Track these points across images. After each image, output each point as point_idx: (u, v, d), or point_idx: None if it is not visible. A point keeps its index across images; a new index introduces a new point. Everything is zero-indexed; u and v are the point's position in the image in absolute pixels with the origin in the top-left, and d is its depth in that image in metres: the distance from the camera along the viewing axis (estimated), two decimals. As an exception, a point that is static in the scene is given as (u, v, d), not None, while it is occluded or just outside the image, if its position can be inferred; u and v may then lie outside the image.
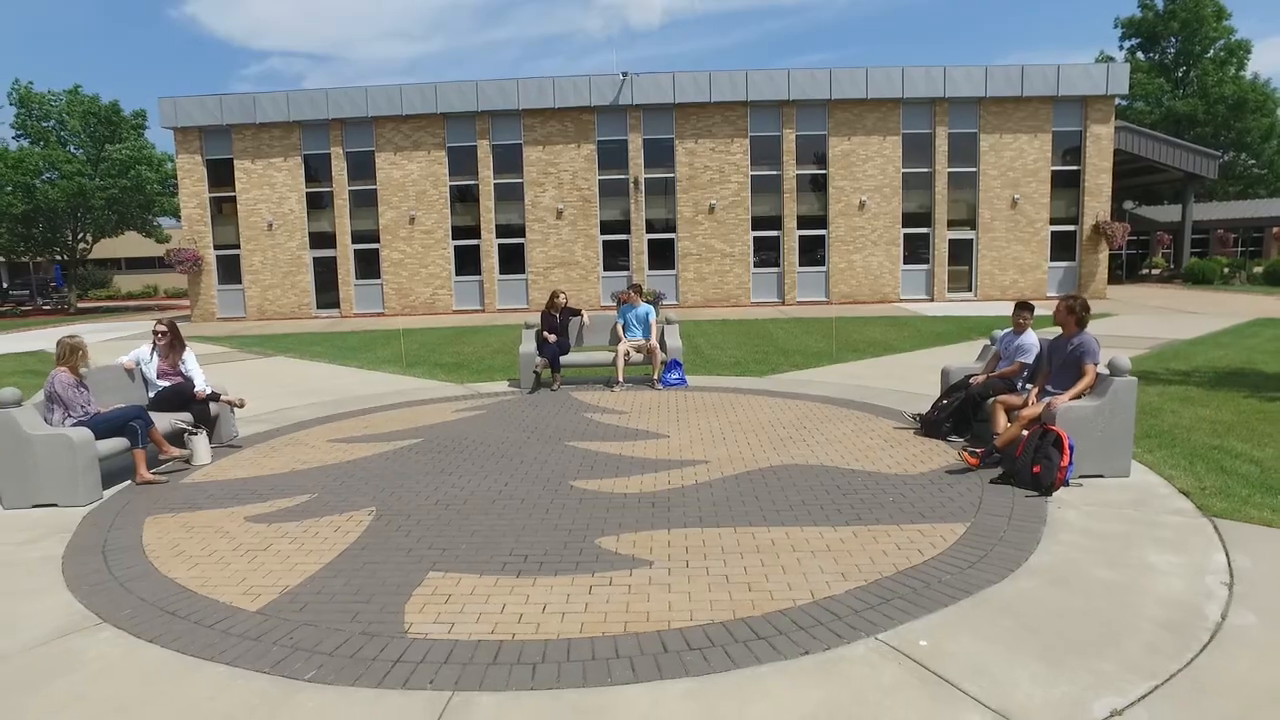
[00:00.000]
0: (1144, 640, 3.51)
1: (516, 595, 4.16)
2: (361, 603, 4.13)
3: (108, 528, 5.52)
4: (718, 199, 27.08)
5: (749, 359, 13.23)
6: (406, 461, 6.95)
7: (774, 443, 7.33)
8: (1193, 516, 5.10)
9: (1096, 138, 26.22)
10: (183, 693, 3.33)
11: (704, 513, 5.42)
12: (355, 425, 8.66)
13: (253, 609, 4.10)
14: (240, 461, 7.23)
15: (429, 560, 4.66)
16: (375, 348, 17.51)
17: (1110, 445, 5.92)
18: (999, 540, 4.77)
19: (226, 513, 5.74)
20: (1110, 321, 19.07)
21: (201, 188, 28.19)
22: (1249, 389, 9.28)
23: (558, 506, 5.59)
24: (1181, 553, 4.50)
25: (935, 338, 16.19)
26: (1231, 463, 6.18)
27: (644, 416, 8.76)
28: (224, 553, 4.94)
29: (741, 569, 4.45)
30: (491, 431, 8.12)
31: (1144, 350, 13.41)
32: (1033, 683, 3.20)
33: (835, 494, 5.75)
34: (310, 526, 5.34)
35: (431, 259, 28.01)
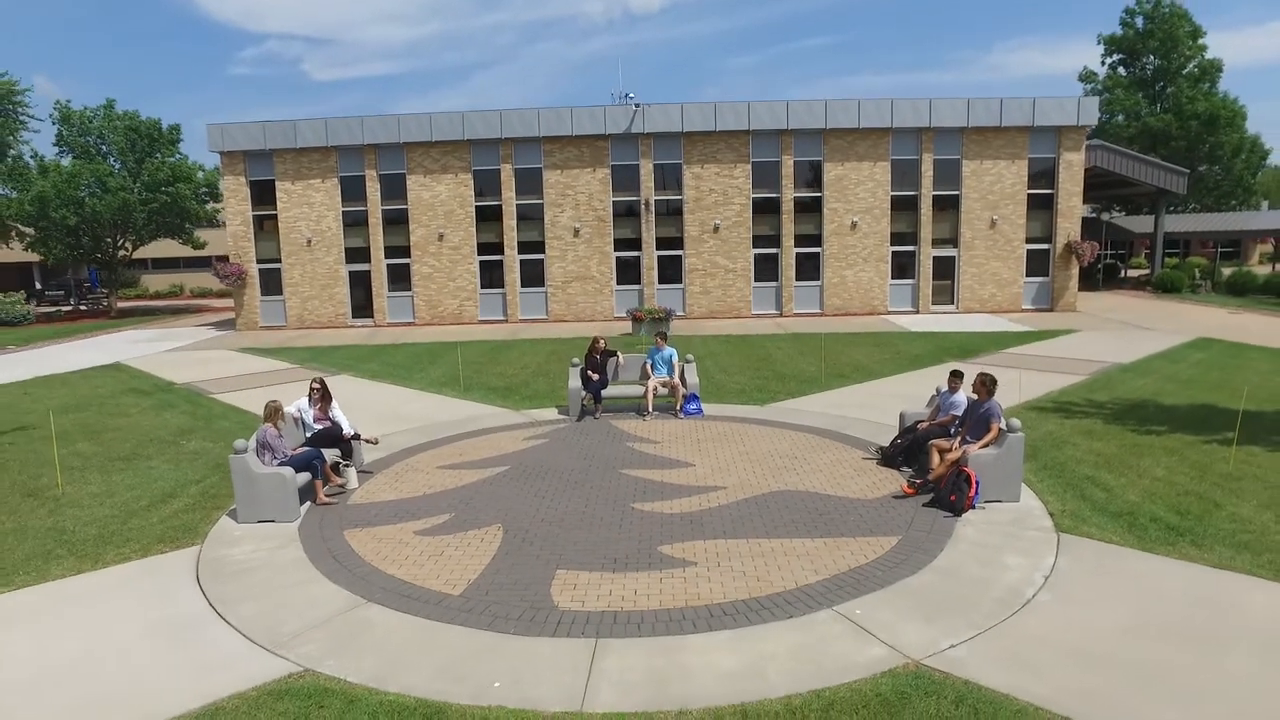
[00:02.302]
0: (982, 610, 6.17)
1: (616, 584, 6.81)
2: (521, 589, 6.78)
3: (321, 539, 8.15)
4: (722, 219, 29.61)
5: (752, 386, 15.84)
6: (507, 486, 9.59)
7: (773, 471, 9.98)
8: (1048, 532, 7.75)
9: (1069, 164, 28.73)
10: (444, 641, 5.97)
11: (725, 528, 8.06)
12: (451, 453, 11.30)
13: (456, 593, 6.75)
14: (381, 486, 9.87)
15: (553, 562, 7.31)
16: (423, 366, 20.09)
17: (1005, 480, 8.56)
18: (917, 549, 7.42)
19: (397, 528, 8.38)
20: (1071, 341, 21.69)
21: (245, 207, 30.64)
22: (1138, 422, 11.92)
23: (627, 523, 8.24)
24: (1028, 557, 7.16)
25: (912, 361, 18.78)
26: (1091, 490, 8.83)
27: (673, 446, 11.40)
28: (414, 557, 7.58)
29: (752, 567, 7.10)
30: (560, 459, 10.76)
31: (1082, 377, 16.03)
32: (914, 632, 5.85)
33: (814, 514, 8.40)
34: (462, 539, 7.98)
35: (459, 273, 30.55)
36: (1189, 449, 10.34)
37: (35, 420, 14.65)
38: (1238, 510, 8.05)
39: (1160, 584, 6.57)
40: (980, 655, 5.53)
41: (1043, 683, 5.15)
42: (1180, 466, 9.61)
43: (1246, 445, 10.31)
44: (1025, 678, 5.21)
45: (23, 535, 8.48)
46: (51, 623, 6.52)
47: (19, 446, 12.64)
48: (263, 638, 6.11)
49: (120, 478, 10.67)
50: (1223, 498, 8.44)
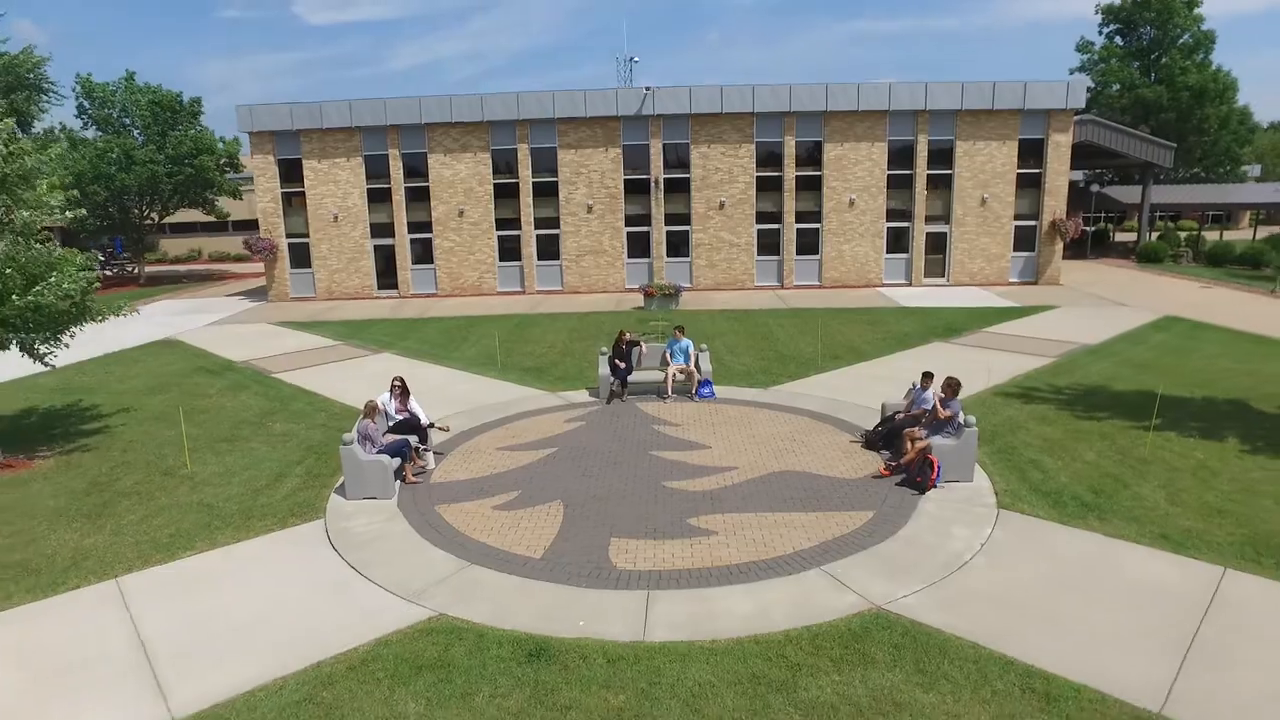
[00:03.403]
0: (931, 570, 8.35)
1: (658, 549, 8.99)
2: (586, 553, 8.96)
3: (418, 514, 10.32)
4: (727, 196, 31.33)
5: (756, 369, 17.91)
6: (560, 466, 11.75)
7: (776, 453, 12.13)
8: (991, 508, 9.92)
9: (1057, 145, 30.33)
10: (536, 592, 8.15)
11: (738, 504, 10.23)
12: (505, 435, 13.44)
13: (537, 557, 8.94)
14: (454, 467, 12.02)
15: (608, 532, 9.48)
16: (456, 344, 22.13)
17: (962, 465, 10.70)
18: (887, 521, 9.60)
19: (477, 504, 10.55)
20: (1048, 319, 23.68)
21: (274, 184, 32.30)
22: (1086, 408, 14.03)
23: (661, 499, 10.41)
24: (972, 528, 9.34)
25: (900, 340, 20.82)
26: (1031, 472, 10.99)
27: (692, 428, 13.54)
28: (497, 528, 9.76)
29: (760, 536, 9.27)
30: (598, 441, 12.90)
31: (1049, 360, 18.10)
32: (879, 586, 8.03)
33: (808, 492, 10.56)
34: (532, 513, 10.16)
35: (478, 247, 32.38)
36: (1120, 434, 12.48)
37: (130, 401, 16.75)
38: (1139, 490, 10.21)
39: (1064, 549, 8.75)
40: (924, 602, 7.73)
41: (966, 621, 7.35)
42: (1108, 451, 11.75)
43: (1166, 431, 12.46)
44: (954, 618, 7.41)
45: (183, 510, 10.66)
46: (241, 580, 8.72)
47: (131, 428, 14.75)
48: (400, 591, 8.31)
49: (232, 459, 12.81)
50: (1131, 479, 10.60)
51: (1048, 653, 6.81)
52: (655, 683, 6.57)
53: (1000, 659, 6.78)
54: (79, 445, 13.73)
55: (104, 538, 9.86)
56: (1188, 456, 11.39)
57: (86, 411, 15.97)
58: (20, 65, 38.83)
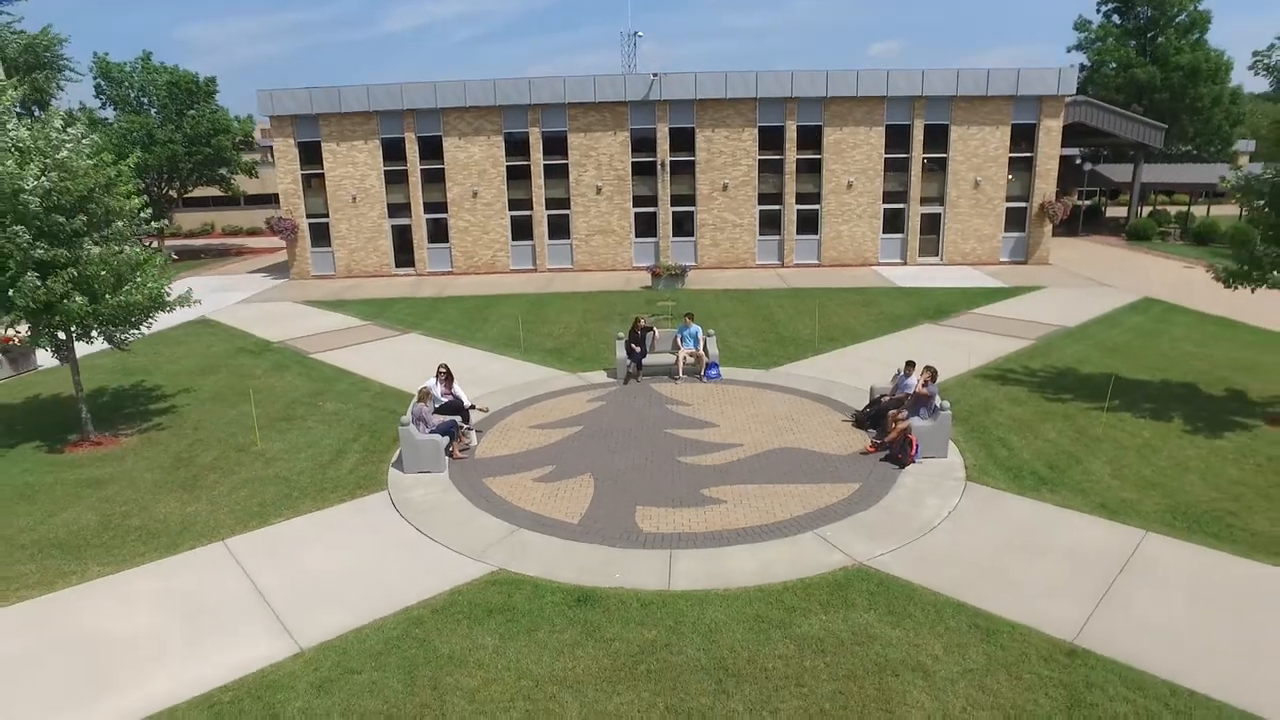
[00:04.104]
0: (905, 533, 10.04)
1: (677, 516, 10.68)
2: (616, 519, 10.65)
3: (468, 485, 12.00)
4: (731, 179, 32.65)
5: (759, 350, 19.50)
6: (587, 443, 13.41)
7: (776, 431, 13.78)
8: (960, 481, 11.59)
9: (1048, 130, 31.57)
10: (577, 552, 9.85)
11: (744, 476, 11.90)
12: (535, 414, 15.08)
13: (575, 522, 10.63)
14: (493, 444, 13.68)
15: (634, 501, 11.17)
16: (477, 325, 23.68)
17: (937, 443, 12.35)
18: (871, 493, 11.28)
19: (518, 477, 12.23)
20: (1033, 300, 25.21)
21: (295, 166, 33.56)
22: (1055, 390, 15.65)
23: (678, 473, 12.08)
24: (942, 499, 11.02)
25: (893, 322, 22.38)
26: (998, 450, 12.65)
27: (701, 408, 15.18)
28: (538, 498, 11.44)
29: (763, 504, 10.95)
30: (619, 420, 14.55)
31: (1028, 342, 19.68)
32: (860, 546, 9.73)
33: (805, 466, 12.23)
34: (567, 484, 11.84)
35: (492, 227, 33.78)
36: (1080, 415, 14.13)
37: (186, 381, 18.36)
38: (1089, 465, 11.89)
39: (1017, 517, 10.44)
40: (898, 559, 9.43)
41: (930, 575, 9.05)
42: (1067, 430, 13.41)
43: (1121, 412, 14.11)
44: (920, 572, 9.11)
45: (262, 483, 12.33)
46: (327, 542, 10.42)
47: (195, 408, 16.39)
48: (464, 550, 10.01)
49: (293, 436, 14.46)
50: (1084, 455, 12.27)
51: (992, 599, 8.51)
52: (679, 622, 8.29)
53: (955, 604, 8.49)
54: (154, 424, 15.38)
55: (203, 506, 11.55)
56: (1135, 436, 13.05)
57: (151, 392, 17.58)
58: (40, 45, 39.92)
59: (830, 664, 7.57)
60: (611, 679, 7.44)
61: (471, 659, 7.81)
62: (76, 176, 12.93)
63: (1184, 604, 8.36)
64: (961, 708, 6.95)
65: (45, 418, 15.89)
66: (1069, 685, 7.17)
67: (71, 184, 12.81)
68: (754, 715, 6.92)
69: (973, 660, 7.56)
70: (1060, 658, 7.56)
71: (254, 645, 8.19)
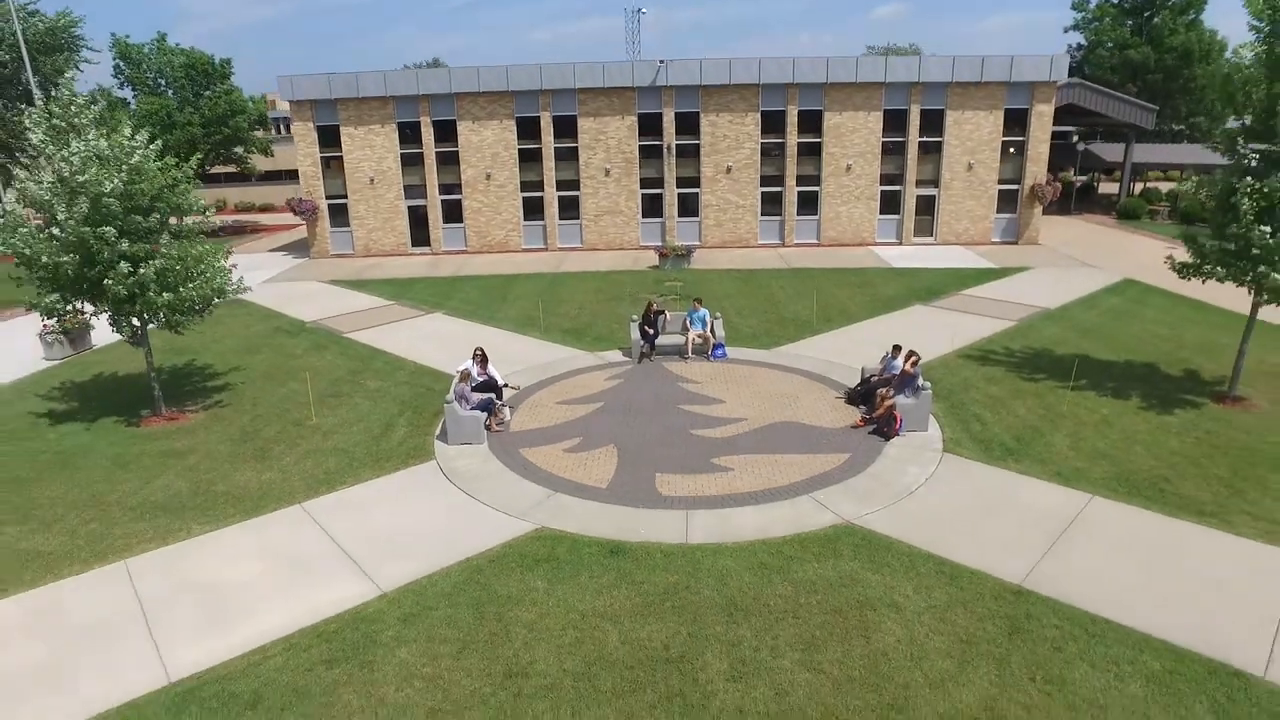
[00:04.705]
0: (888, 496, 11.74)
1: (691, 481, 12.38)
2: (639, 484, 12.35)
3: (507, 455, 13.67)
4: (734, 161, 33.98)
5: (761, 330, 21.09)
6: (609, 418, 15.07)
7: (777, 407, 15.44)
8: (938, 452, 13.26)
9: (1040, 115, 32.82)
10: (608, 512, 11.55)
11: (749, 447, 13.57)
12: (560, 391, 16.73)
13: (604, 487, 12.33)
14: (525, 419, 15.34)
15: (653, 469, 12.86)
16: (497, 305, 25.23)
17: (919, 419, 14.01)
18: (859, 462, 12.96)
19: (550, 448, 13.91)
20: (1019, 281, 26.71)
21: (314, 149, 34.85)
22: (1030, 370, 17.27)
23: (690, 444, 13.75)
24: (922, 467, 12.70)
25: (887, 303, 23.93)
26: (973, 425, 14.31)
27: (710, 385, 16.83)
28: (570, 466, 13.13)
29: (765, 472, 12.64)
30: (636, 397, 16.20)
31: (1010, 323, 21.26)
32: (849, 507, 11.44)
33: (802, 438, 13.91)
34: (594, 454, 13.52)
35: (504, 207, 35.17)
36: (1049, 393, 15.77)
37: (234, 360, 19.98)
38: (1051, 439, 13.56)
39: (985, 483, 12.13)
40: (881, 518, 11.13)
41: (907, 531, 10.75)
42: (1036, 407, 15.07)
43: (1086, 390, 15.75)
44: (899, 529, 10.81)
45: (324, 454, 14.01)
46: (390, 505, 12.12)
47: (249, 386, 18.02)
48: (509, 511, 11.71)
49: (343, 412, 16.11)
50: (1048, 430, 13.94)
51: (957, 550, 10.23)
52: (696, 568, 10.01)
53: (926, 554, 10.21)
54: (215, 401, 17.03)
55: (275, 474, 13.25)
56: (1095, 412, 14.71)
57: (204, 370, 19.22)
58: (59, 27, 40.99)
59: (820, 601, 9.30)
60: (643, 613, 9.17)
61: (527, 598, 9.54)
62: (149, 179, 14.45)
63: (1113, 554, 10.08)
64: (925, 634, 8.69)
65: (115, 394, 17.55)
66: (1012, 617, 8.90)
67: (145, 186, 14.32)
68: (759, 640, 8.65)
69: (936, 598, 9.29)
70: (1008, 596, 9.29)
71: (344, 588, 9.92)
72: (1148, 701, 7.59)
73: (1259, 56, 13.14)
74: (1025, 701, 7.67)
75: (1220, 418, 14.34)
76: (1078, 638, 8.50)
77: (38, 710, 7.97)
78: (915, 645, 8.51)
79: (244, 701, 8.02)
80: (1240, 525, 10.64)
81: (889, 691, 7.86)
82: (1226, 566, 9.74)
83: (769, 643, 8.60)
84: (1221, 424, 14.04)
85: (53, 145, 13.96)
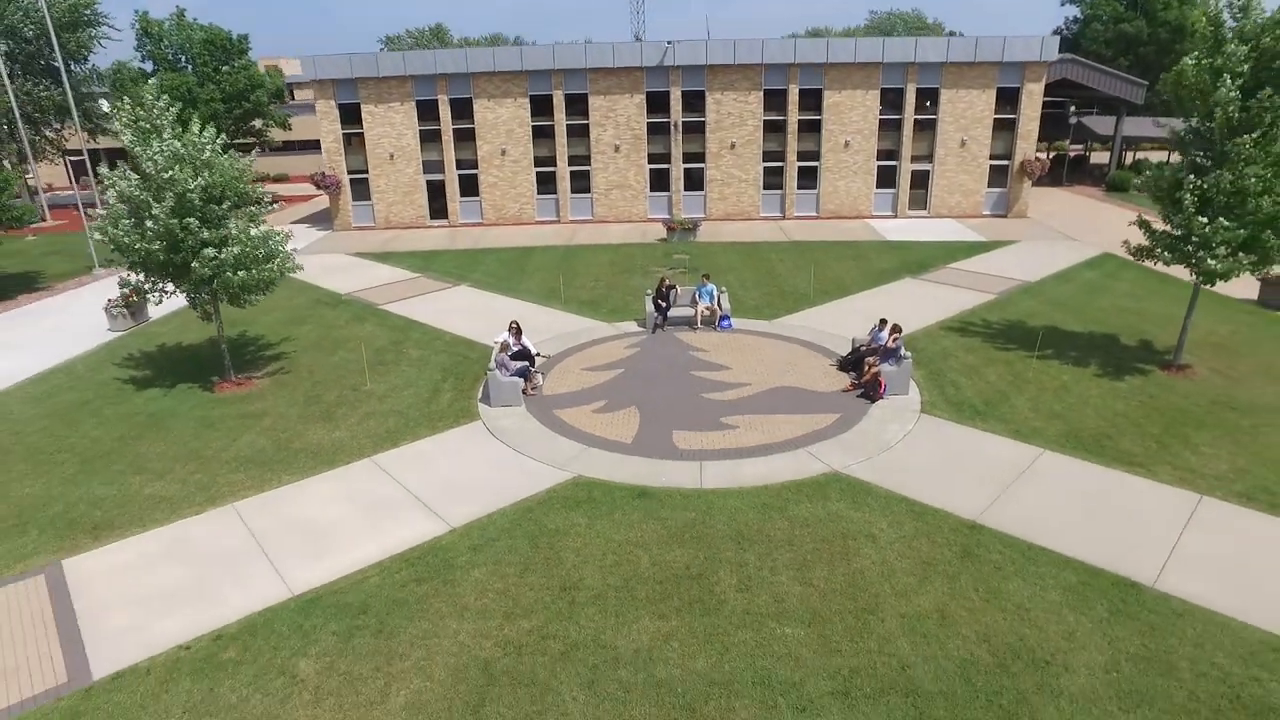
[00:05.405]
0: (871, 450, 13.86)
1: (703, 437, 14.48)
2: (658, 440, 14.47)
3: (542, 416, 15.77)
4: (737, 138, 35.61)
5: (763, 303, 23.07)
6: (629, 382, 17.14)
7: (777, 373, 17.50)
8: (916, 413, 15.35)
9: (1030, 93, 34.36)
10: (633, 463, 13.68)
11: (753, 408, 15.67)
12: (584, 358, 18.78)
13: (628, 441, 14.46)
14: (555, 384, 17.41)
15: (670, 426, 14.96)
16: (517, 277, 27.14)
17: (901, 384, 16.07)
18: (848, 421, 15.06)
19: (580, 409, 16.00)
20: (1005, 255, 28.59)
21: (336, 126, 36.45)
22: (1003, 340, 19.28)
23: (701, 406, 15.85)
24: (901, 425, 14.80)
25: (879, 276, 25.86)
26: (949, 389, 16.38)
27: (717, 353, 18.87)
28: (598, 425, 15.24)
29: (767, 429, 14.75)
30: (652, 364, 18.25)
31: (991, 296, 23.22)
32: (838, 459, 13.55)
33: (799, 400, 15.99)
34: (618, 415, 15.62)
35: (519, 182, 36.89)
36: (1017, 361, 17.82)
37: (283, 331, 21.97)
38: (1015, 402, 15.64)
39: (954, 439, 14.24)
40: (864, 468, 13.25)
41: (885, 478, 12.87)
42: (1005, 374, 17.12)
43: (1051, 359, 17.79)
44: (879, 475, 12.94)
45: (384, 415, 16.09)
46: (448, 458, 14.23)
47: (302, 355, 20.05)
48: (550, 462, 13.83)
49: (392, 378, 18.16)
50: (1013, 394, 16.02)
51: (926, 493, 12.36)
52: (710, 507, 12.16)
53: (900, 497, 12.34)
54: (275, 369, 19.08)
55: (344, 433, 15.36)
56: (1056, 379, 16.77)
57: (259, 340, 21.23)
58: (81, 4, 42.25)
59: (811, 533, 11.46)
60: (667, 542, 11.34)
61: (572, 531, 11.71)
62: (219, 172, 16.33)
63: (1053, 497, 12.22)
64: (894, 558, 10.85)
65: (183, 363, 19.61)
66: (965, 545, 11.06)
67: (218, 178, 16.21)
68: (761, 562, 10.83)
69: (905, 530, 11.45)
70: (964, 529, 11.44)
71: (420, 525, 12.08)
72: (1062, 605, 9.77)
73: (1200, 69, 14.88)
74: (969, 606, 9.85)
75: (1164, 384, 16.41)
76: (1015, 560, 10.67)
77: (195, 613, 10.16)
78: (886, 566, 10.68)
79: (355, 609, 10.20)
80: (1161, 473, 12.77)
81: (863, 599, 10.04)
82: (1142, 505, 11.89)
83: (769, 564, 10.77)
84: (1164, 389, 16.12)
85: (139, 146, 15.78)
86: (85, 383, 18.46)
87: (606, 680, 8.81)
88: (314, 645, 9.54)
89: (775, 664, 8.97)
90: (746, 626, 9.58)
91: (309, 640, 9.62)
